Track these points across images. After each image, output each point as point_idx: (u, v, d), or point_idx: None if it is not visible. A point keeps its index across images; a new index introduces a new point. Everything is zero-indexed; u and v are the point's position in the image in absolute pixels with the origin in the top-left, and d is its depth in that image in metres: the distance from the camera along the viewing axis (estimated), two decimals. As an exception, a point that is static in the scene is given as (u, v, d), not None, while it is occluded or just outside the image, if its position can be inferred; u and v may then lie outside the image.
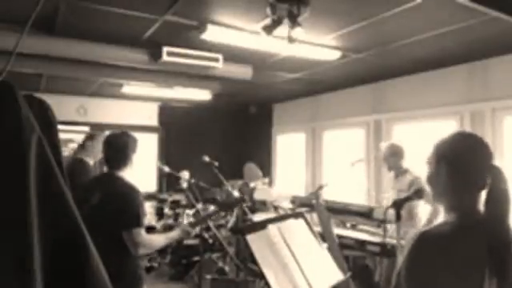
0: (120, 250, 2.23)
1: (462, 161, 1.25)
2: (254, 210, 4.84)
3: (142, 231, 2.25)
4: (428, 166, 1.33)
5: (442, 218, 1.30)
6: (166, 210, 5.87)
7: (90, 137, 4.19)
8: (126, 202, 2.24)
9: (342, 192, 5.33)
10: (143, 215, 2.30)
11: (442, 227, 1.22)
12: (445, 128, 4.74)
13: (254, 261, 2.04)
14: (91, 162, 4.01)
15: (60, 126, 0.96)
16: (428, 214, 3.81)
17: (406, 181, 4.00)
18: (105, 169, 2.49)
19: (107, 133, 2.62)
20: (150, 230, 4.66)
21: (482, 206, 1.23)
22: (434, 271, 1.13)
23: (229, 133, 8.26)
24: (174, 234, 2.52)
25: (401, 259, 1.21)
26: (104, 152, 2.45)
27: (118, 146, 2.40)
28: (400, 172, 4.08)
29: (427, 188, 1.36)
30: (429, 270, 1.13)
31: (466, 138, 1.31)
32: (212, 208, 4.63)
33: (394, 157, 4.07)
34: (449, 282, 1.12)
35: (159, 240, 2.43)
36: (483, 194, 1.23)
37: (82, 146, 4.13)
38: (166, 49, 3.97)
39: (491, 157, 1.25)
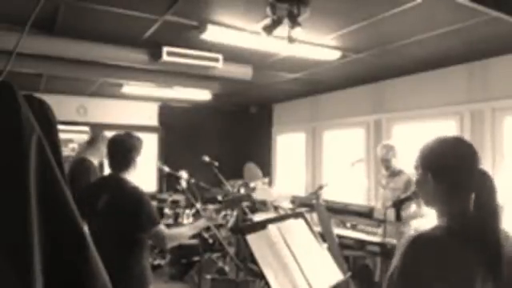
0: (126, 251, 2.23)
1: (446, 167, 1.24)
2: (254, 210, 4.84)
3: (162, 227, 2.28)
4: (416, 172, 1.33)
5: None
6: (166, 210, 5.87)
7: (96, 137, 4.13)
8: (137, 205, 2.23)
9: (342, 192, 5.33)
10: (157, 213, 2.34)
11: (435, 231, 1.23)
12: (445, 128, 4.75)
13: (253, 261, 2.04)
14: (95, 161, 3.98)
15: (60, 126, 0.96)
16: None
17: (402, 180, 4.06)
18: (108, 170, 2.46)
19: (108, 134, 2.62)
20: None
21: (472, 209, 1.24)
22: (428, 274, 1.13)
23: (229, 133, 8.26)
24: (200, 223, 2.58)
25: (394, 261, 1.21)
26: (108, 153, 2.42)
27: (124, 148, 2.37)
28: (395, 171, 4.16)
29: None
30: (423, 272, 1.13)
31: (449, 143, 1.29)
32: (242, 192, 4.53)
33: (393, 156, 4.15)
34: (442, 285, 1.12)
35: (184, 231, 2.50)
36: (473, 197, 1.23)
37: (88, 146, 4.05)
38: (165, 49, 3.96)
39: (477, 159, 1.24)
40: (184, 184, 3.73)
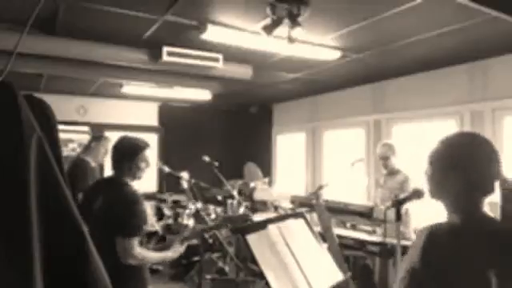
0: None
1: (472, 165, 1.23)
2: (254, 210, 4.84)
3: (136, 242, 2.18)
4: (431, 163, 1.30)
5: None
6: (166, 211, 5.87)
7: (95, 138, 4.18)
8: (127, 210, 2.20)
9: (342, 192, 5.33)
10: (143, 227, 2.24)
11: (447, 225, 1.22)
12: (445, 128, 4.74)
13: (254, 261, 2.04)
14: (93, 163, 4.01)
15: (60, 126, 0.96)
16: None
17: (398, 180, 4.07)
18: (111, 173, 2.42)
19: (109, 135, 2.58)
20: (153, 235, 4.67)
21: (486, 210, 1.23)
22: (447, 262, 1.13)
23: (229, 133, 8.26)
24: (168, 255, 2.47)
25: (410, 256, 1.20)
26: (112, 155, 2.37)
27: (128, 151, 2.34)
28: (393, 171, 4.17)
29: (424, 186, 1.35)
30: (443, 260, 1.13)
31: (477, 141, 1.27)
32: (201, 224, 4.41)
33: (392, 155, 4.16)
34: (460, 276, 1.12)
35: (151, 256, 2.34)
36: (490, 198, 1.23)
37: (87, 147, 4.13)
38: (166, 49, 3.97)
39: (500, 160, 1.23)
40: (185, 184, 3.73)
